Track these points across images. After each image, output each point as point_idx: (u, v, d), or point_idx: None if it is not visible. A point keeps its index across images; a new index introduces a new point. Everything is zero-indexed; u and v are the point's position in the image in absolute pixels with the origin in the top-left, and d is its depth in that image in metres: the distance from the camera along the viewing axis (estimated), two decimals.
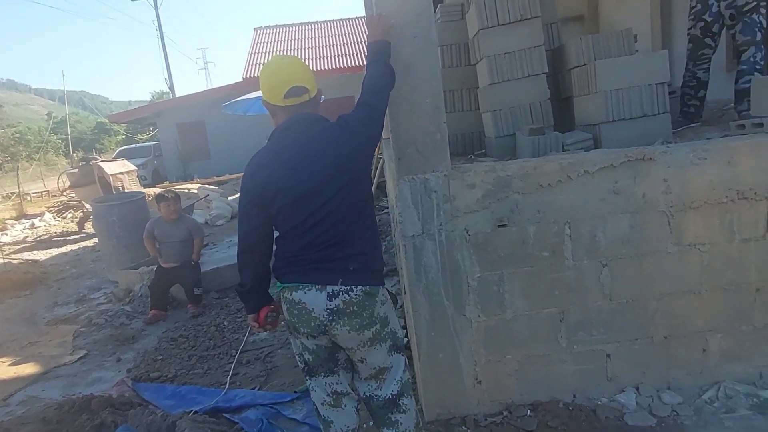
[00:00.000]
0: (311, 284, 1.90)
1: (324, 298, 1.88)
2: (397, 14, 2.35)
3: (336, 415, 2.09)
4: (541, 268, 2.57)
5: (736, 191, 2.51)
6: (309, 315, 1.90)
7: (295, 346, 2.11)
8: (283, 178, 1.89)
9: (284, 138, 1.97)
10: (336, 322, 1.89)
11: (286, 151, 1.93)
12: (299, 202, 1.89)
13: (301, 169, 1.89)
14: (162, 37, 29.08)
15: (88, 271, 7.42)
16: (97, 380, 3.83)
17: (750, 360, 2.67)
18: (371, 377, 2.07)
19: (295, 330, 1.98)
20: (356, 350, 1.99)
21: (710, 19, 3.52)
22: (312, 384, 2.11)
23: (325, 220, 1.89)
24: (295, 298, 1.91)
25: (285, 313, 2.00)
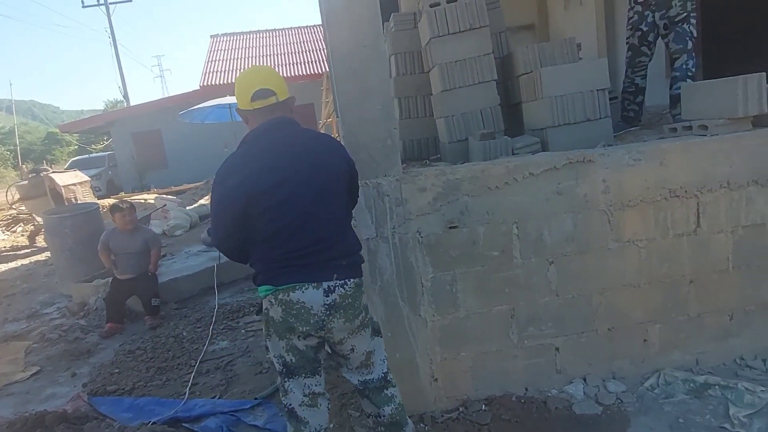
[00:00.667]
0: (307, 282, 1.95)
1: (321, 295, 1.96)
2: (347, 24, 2.43)
3: (312, 415, 2.12)
4: (492, 267, 2.68)
5: (669, 190, 2.68)
6: (308, 313, 1.96)
7: (276, 348, 2.08)
8: (263, 180, 1.92)
9: (259, 141, 2.00)
10: (333, 316, 1.98)
11: (264, 153, 1.96)
12: (284, 203, 1.93)
13: (283, 170, 1.93)
14: (115, 44, 28.40)
15: (40, 285, 7.17)
16: (51, 396, 3.72)
17: (687, 348, 2.84)
18: (362, 365, 2.17)
19: (290, 330, 1.99)
20: (346, 340, 2.07)
21: (646, 28, 3.74)
22: (290, 385, 2.10)
23: (312, 219, 1.96)
24: (293, 298, 1.95)
25: (277, 315, 1.99)
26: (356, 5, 2.40)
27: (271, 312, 2.01)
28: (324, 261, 1.98)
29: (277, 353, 2.08)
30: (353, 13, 2.41)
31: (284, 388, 2.13)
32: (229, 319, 4.89)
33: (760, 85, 2.59)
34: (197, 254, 7.09)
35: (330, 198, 2.02)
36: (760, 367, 2.75)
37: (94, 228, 6.31)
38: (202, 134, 17.09)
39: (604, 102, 3.37)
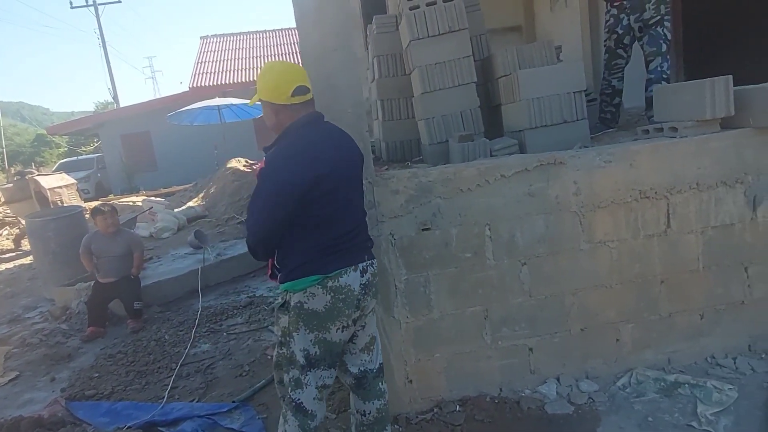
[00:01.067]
0: (349, 266, 2.05)
1: (358, 276, 2.07)
2: (320, 28, 2.44)
3: (319, 408, 2.15)
4: (465, 268, 2.70)
5: (639, 191, 2.71)
6: (352, 295, 2.05)
7: (303, 341, 2.06)
8: (321, 166, 1.99)
9: (306, 133, 2.06)
10: (366, 294, 2.11)
11: (315, 143, 2.04)
12: (336, 189, 2.02)
13: (331, 159, 2.03)
14: (104, 45, 28.28)
15: (23, 289, 7.12)
16: (28, 401, 3.70)
17: (659, 347, 2.88)
18: (366, 347, 2.23)
19: (338, 318, 2.03)
20: (364, 317, 2.17)
21: (621, 31, 3.78)
22: (308, 378, 2.09)
23: (352, 204, 2.12)
24: (342, 283, 2.03)
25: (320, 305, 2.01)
26: (327, 9, 2.42)
27: (313, 303, 2.02)
28: (358, 244, 2.13)
29: (303, 346, 2.07)
30: (324, 17, 2.43)
31: (299, 382, 2.10)
32: (212, 322, 4.89)
33: (727, 88, 2.62)
34: (183, 257, 7.07)
35: (358, 186, 2.19)
36: (730, 365, 2.79)
37: (78, 231, 6.27)
38: (192, 136, 17.03)
39: (580, 104, 3.39)
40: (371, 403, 2.26)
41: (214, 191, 11.42)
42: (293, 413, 2.13)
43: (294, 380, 2.12)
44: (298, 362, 2.09)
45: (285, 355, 2.14)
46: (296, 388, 2.11)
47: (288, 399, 2.15)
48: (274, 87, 2.10)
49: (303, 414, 2.11)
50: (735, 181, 2.74)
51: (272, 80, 2.12)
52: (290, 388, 2.13)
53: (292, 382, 2.12)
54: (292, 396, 2.12)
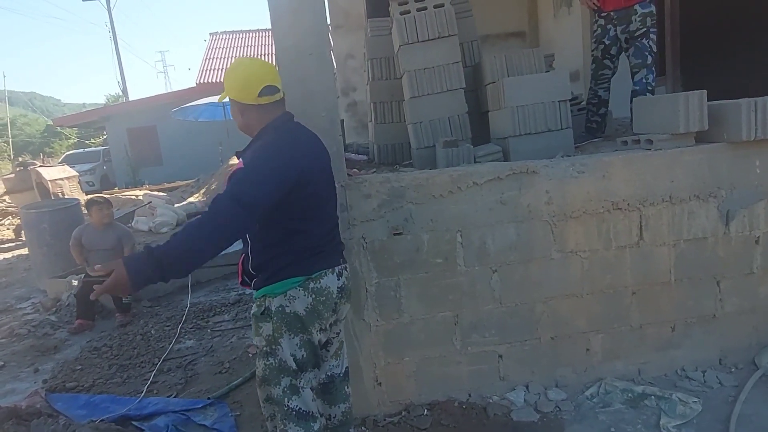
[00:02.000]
0: (328, 268, 2.05)
1: (335, 279, 2.06)
2: (293, 32, 2.47)
3: (316, 409, 2.10)
4: (436, 273, 2.72)
5: (612, 202, 2.72)
6: (331, 298, 2.04)
7: (290, 346, 2.01)
8: (312, 165, 1.99)
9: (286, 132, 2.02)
10: (341, 298, 2.10)
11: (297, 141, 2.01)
12: (316, 189, 2.01)
13: (312, 159, 2.02)
14: (115, 38, 28.45)
15: (18, 280, 7.20)
16: (10, 392, 3.76)
17: (629, 358, 2.89)
18: (336, 353, 2.23)
19: (316, 320, 2.00)
20: (339, 322, 2.18)
21: (608, 42, 3.79)
22: (302, 383, 2.05)
23: (328, 206, 2.11)
24: (323, 285, 2.01)
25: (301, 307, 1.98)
26: (302, 14, 2.44)
27: (295, 305, 1.98)
28: (334, 246, 2.13)
29: (292, 351, 2.02)
30: (299, 22, 2.45)
31: (295, 387, 2.04)
32: (199, 318, 4.93)
33: (702, 102, 2.63)
34: None
35: (333, 187, 2.17)
36: (699, 378, 2.79)
37: (73, 224, 6.32)
38: (197, 132, 17.13)
39: (565, 113, 3.41)
40: (337, 406, 2.25)
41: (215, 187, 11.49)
42: (295, 422, 2.03)
43: (289, 388, 2.04)
44: (290, 368, 2.02)
45: (273, 366, 2.03)
46: (292, 395, 2.04)
47: (285, 411, 2.04)
48: (242, 86, 2.04)
49: (305, 419, 2.04)
50: (708, 195, 2.74)
51: (240, 79, 2.06)
52: (286, 399, 2.03)
53: (287, 391, 2.04)
54: (290, 405, 2.04)
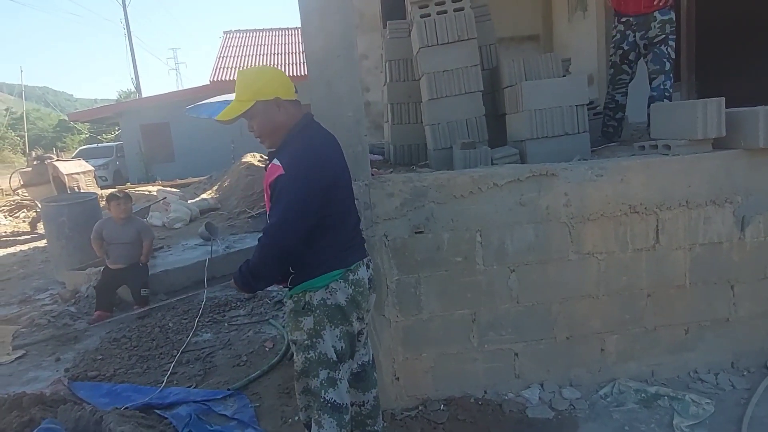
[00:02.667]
0: (360, 260, 2.14)
1: (365, 270, 2.15)
2: (321, 33, 2.54)
3: (348, 400, 2.15)
4: (455, 272, 2.78)
5: (629, 206, 2.78)
6: (366, 289, 2.13)
7: (331, 338, 2.07)
8: (334, 164, 2.08)
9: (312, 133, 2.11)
10: (372, 289, 2.19)
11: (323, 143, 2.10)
12: (346, 186, 2.14)
13: (337, 157, 2.13)
14: (129, 35, 28.71)
15: (36, 271, 7.33)
16: (33, 380, 3.86)
17: (643, 359, 2.93)
18: (365, 342, 2.30)
19: (356, 310, 2.08)
20: (369, 312, 2.24)
21: (627, 47, 3.84)
22: (340, 374, 2.10)
23: (353, 202, 2.20)
24: (359, 276, 2.10)
25: (343, 298, 2.04)
26: (330, 15, 2.52)
27: (336, 297, 2.04)
28: (361, 239, 2.23)
29: (332, 343, 2.07)
30: (327, 23, 2.53)
31: (333, 380, 2.09)
32: (215, 313, 5.02)
33: (720, 109, 2.67)
34: (194, 248, 7.21)
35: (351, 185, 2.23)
36: (712, 380, 2.84)
37: (92, 217, 6.44)
38: (210, 130, 17.23)
39: (582, 117, 3.46)
40: (369, 392, 2.33)
41: (227, 185, 11.59)
42: (329, 414, 2.08)
43: (327, 380, 2.08)
44: (330, 360, 2.08)
45: (313, 359, 2.08)
46: (329, 388, 2.08)
47: (321, 402, 2.09)
48: (282, 82, 2.08)
49: (339, 411, 2.09)
50: (724, 200, 2.79)
51: (279, 76, 2.11)
52: (323, 391, 2.08)
53: (324, 383, 2.08)
54: (327, 397, 2.08)
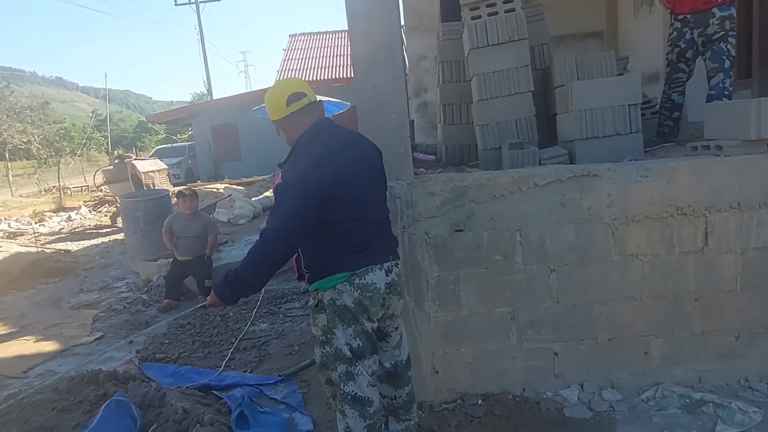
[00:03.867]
0: (374, 264, 2.16)
1: (383, 275, 2.18)
2: (368, 41, 2.67)
3: (375, 395, 2.22)
4: (494, 270, 2.84)
5: (676, 207, 2.73)
6: (378, 293, 2.15)
7: (344, 336, 2.16)
8: (334, 171, 2.08)
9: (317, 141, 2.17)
10: (391, 294, 2.22)
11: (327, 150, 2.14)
12: (352, 191, 2.12)
13: (346, 162, 2.14)
14: (202, 40, 30.18)
15: (114, 262, 7.95)
16: (108, 359, 4.23)
17: (689, 364, 2.87)
18: (397, 344, 2.38)
19: (364, 313, 2.14)
20: (396, 317, 2.32)
21: (684, 45, 3.73)
22: (359, 369, 2.18)
23: (370, 204, 2.21)
24: (368, 280, 2.13)
25: (349, 301, 2.12)
26: (375, 22, 2.64)
27: (344, 299, 2.13)
28: (383, 243, 2.24)
29: (346, 341, 2.16)
30: (374, 31, 2.65)
31: (351, 374, 2.18)
32: (272, 305, 5.29)
33: None
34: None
35: (379, 186, 2.29)
36: (763, 389, 2.74)
37: (164, 212, 6.92)
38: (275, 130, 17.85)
39: (636, 117, 3.42)
40: (402, 389, 2.43)
41: None
42: (350, 406, 2.19)
43: (345, 374, 2.18)
44: (345, 356, 2.17)
45: (330, 354, 2.21)
46: (348, 381, 2.18)
47: (342, 395, 2.20)
48: (272, 105, 2.24)
49: (360, 403, 2.18)
50: None
51: (269, 100, 2.26)
52: (342, 384, 2.19)
53: (342, 377, 2.19)
54: (346, 390, 2.19)
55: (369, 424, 2.19)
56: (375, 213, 2.24)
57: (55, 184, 20.27)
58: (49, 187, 22.17)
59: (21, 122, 28.57)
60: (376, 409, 2.23)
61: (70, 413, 3.00)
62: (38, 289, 6.71)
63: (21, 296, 6.43)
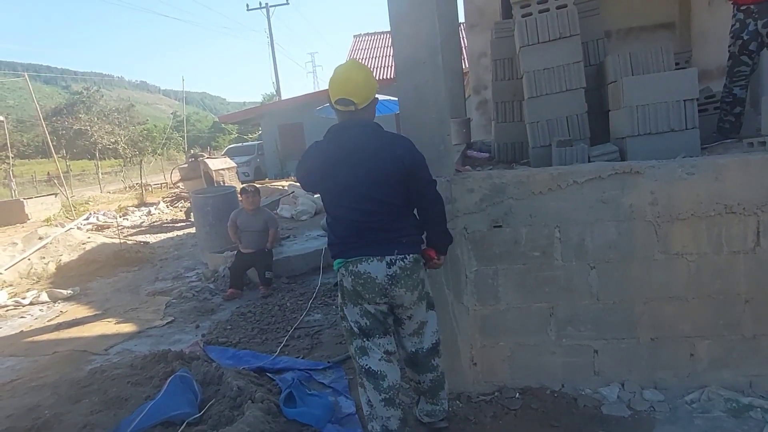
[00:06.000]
0: (372, 256, 2.34)
1: (384, 267, 2.34)
2: (410, 44, 2.79)
3: (389, 369, 2.43)
4: (533, 266, 2.87)
5: (724, 205, 2.65)
6: (374, 282, 2.34)
7: (352, 314, 2.44)
8: (328, 168, 2.38)
9: (336, 138, 2.43)
10: (395, 285, 2.36)
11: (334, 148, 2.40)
12: (342, 192, 2.37)
13: (342, 166, 2.36)
14: (272, 43, 31.34)
15: (186, 253, 8.52)
16: (177, 341, 4.61)
17: (739, 368, 2.78)
18: (414, 333, 2.53)
19: (359, 297, 2.38)
20: (408, 308, 2.45)
21: (747, 37, 3.57)
22: (368, 344, 2.42)
23: (375, 203, 2.34)
24: (360, 269, 2.35)
25: (348, 284, 2.40)
26: (419, 27, 2.75)
27: (344, 282, 2.41)
28: (385, 239, 2.37)
29: (353, 318, 2.44)
30: (416, 34, 2.76)
31: (363, 349, 2.43)
32: (326, 296, 5.51)
33: None
34: (316, 238, 7.88)
35: (386, 188, 2.35)
36: None
37: (231, 208, 7.33)
38: None
39: (692, 112, 3.32)
40: (424, 375, 2.59)
41: None
42: (366, 377, 2.45)
43: (360, 349, 2.45)
44: (356, 332, 2.44)
45: (346, 328, 2.50)
46: (362, 355, 2.44)
47: (358, 368, 2.47)
48: (329, 88, 2.46)
49: (374, 376, 2.42)
50: None
51: (331, 81, 2.46)
52: (357, 357, 2.46)
53: (358, 351, 2.45)
54: (360, 363, 2.45)
55: (385, 397, 2.40)
56: (375, 209, 2.36)
57: (138, 181, 21.80)
58: (133, 184, 23.86)
59: (110, 124, 30.87)
60: (391, 384, 2.42)
61: (142, 386, 3.34)
62: (120, 276, 7.33)
63: (105, 282, 7.06)
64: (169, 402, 2.89)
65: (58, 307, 6.10)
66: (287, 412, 2.93)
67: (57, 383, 3.65)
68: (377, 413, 2.44)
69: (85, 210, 14.90)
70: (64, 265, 7.67)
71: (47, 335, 5.10)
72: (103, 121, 30.84)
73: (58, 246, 8.10)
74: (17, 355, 4.60)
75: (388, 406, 2.42)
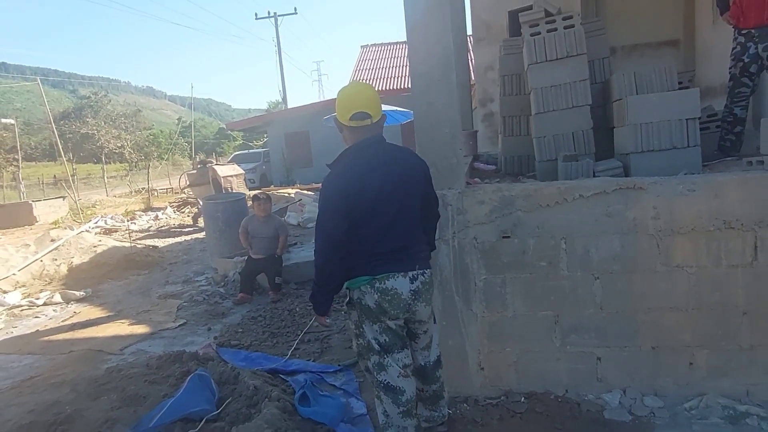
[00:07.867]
0: (397, 272, 2.37)
1: (408, 282, 2.38)
2: (424, 63, 2.94)
3: (407, 385, 2.46)
4: (539, 275, 3.00)
5: (723, 221, 2.78)
6: (399, 298, 2.37)
7: (371, 331, 2.43)
8: (364, 187, 2.33)
9: (357, 157, 2.40)
10: (417, 300, 2.42)
11: (362, 167, 2.37)
12: (376, 207, 2.34)
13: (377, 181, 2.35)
14: (279, 52, 31.64)
15: (195, 258, 8.65)
16: (190, 343, 4.74)
17: (737, 377, 2.89)
18: (426, 346, 2.61)
19: (383, 314, 2.38)
20: (425, 322, 2.52)
21: (747, 60, 3.72)
22: (388, 361, 2.43)
23: (400, 222, 2.39)
24: (387, 286, 2.35)
25: (372, 301, 2.37)
26: (434, 46, 2.90)
27: (366, 299, 2.38)
28: (410, 253, 2.42)
29: (372, 336, 2.44)
30: (431, 53, 2.91)
31: (382, 365, 2.44)
32: (335, 302, 5.58)
33: None
34: None
35: (412, 204, 2.45)
36: None
37: (240, 214, 7.48)
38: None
39: (693, 131, 3.45)
40: (429, 386, 2.69)
41: None
42: (384, 392, 2.48)
43: (377, 365, 2.47)
44: (375, 348, 2.45)
45: (363, 345, 2.51)
46: (380, 371, 2.46)
47: (376, 382, 2.50)
48: (339, 108, 2.46)
49: (393, 391, 2.46)
50: None
51: (339, 101, 2.47)
52: (375, 372, 2.48)
53: (375, 366, 2.47)
54: (379, 378, 2.47)
55: (403, 410, 2.47)
56: (403, 232, 2.41)
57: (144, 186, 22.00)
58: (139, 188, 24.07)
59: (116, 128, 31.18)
60: (409, 397, 2.47)
61: (159, 385, 3.46)
62: (131, 279, 7.47)
63: (116, 285, 7.20)
64: (188, 399, 3.01)
65: (72, 308, 6.25)
66: (302, 410, 3.05)
67: (75, 381, 3.78)
68: (394, 422, 2.49)
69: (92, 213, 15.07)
70: (75, 267, 7.82)
71: (62, 335, 5.24)
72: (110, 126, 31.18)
73: (69, 248, 8.26)
74: (35, 353, 4.74)
75: (406, 417, 2.48)
